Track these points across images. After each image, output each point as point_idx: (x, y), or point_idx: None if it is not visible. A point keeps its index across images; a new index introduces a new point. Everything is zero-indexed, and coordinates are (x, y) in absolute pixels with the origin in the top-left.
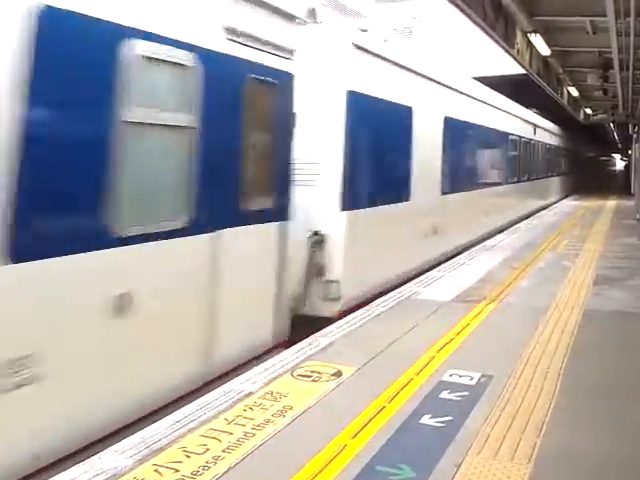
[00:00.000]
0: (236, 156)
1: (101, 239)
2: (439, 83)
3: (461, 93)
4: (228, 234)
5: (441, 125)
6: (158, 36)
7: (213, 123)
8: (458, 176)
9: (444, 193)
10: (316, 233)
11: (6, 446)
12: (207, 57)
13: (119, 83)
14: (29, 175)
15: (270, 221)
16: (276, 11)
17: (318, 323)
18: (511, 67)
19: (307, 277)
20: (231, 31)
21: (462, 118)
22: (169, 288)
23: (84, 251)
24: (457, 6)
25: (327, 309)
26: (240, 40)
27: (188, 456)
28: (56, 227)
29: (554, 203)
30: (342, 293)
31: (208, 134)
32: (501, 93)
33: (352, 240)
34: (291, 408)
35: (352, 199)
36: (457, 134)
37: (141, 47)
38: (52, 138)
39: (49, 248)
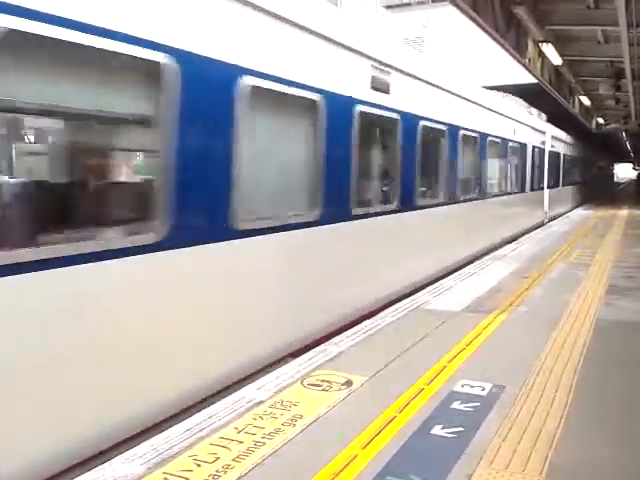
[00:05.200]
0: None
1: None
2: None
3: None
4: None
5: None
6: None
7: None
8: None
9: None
10: None
11: None
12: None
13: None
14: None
15: None
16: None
17: None
18: (523, 76)
19: None
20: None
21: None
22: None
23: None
24: (468, 16)
25: None
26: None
27: (198, 465)
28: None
29: (566, 212)
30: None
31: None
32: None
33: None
34: (301, 417)
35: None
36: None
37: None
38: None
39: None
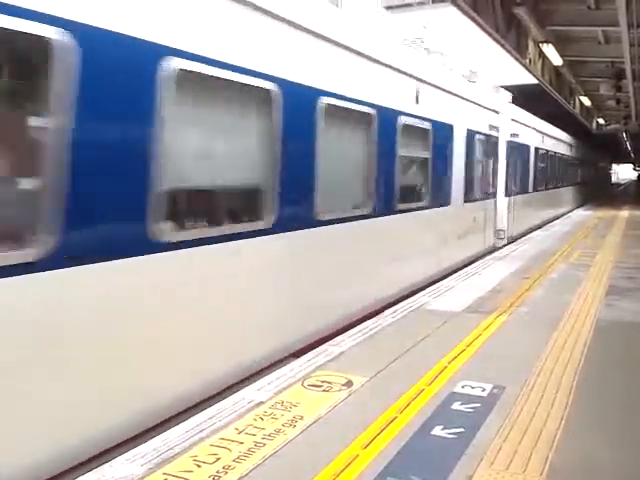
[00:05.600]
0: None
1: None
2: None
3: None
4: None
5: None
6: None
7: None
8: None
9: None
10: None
11: None
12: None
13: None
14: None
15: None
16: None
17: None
18: (523, 77)
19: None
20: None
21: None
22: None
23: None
24: (469, 16)
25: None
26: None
27: (199, 465)
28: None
29: (566, 213)
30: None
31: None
32: (514, 103)
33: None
34: (302, 418)
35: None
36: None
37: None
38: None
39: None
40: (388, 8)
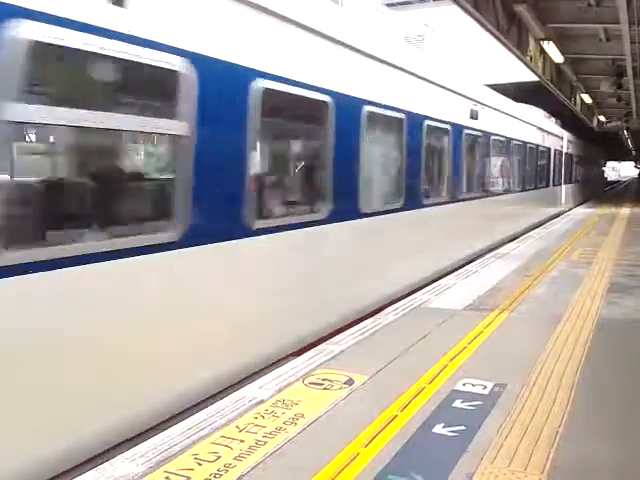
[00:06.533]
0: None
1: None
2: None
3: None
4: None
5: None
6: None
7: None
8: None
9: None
10: None
11: None
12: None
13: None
14: None
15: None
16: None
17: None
18: (524, 74)
19: None
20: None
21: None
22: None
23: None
24: (470, 13)
25: None
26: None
27: (199, 463)
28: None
29: (567, 211)
30: None
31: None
32: (514, 100)
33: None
34: (303, 416)
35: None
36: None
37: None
38: None
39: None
40: (389, 5)
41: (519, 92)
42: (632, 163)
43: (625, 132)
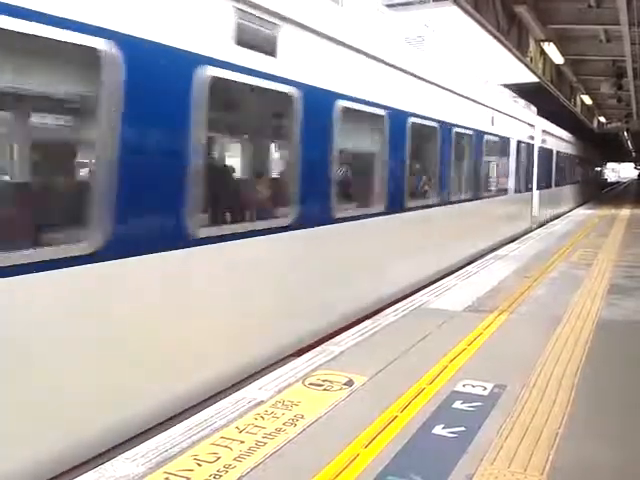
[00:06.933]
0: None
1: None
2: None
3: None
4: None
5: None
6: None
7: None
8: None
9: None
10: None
11: None
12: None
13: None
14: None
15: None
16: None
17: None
18: (524, 75)
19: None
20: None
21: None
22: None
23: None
24: (470, 14)
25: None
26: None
27: (199, 464)
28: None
29: (567, 212)
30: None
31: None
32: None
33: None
34: (302, 417)
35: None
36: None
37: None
38: None
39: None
40: (389, 6)
41: (519, 93)
42: (632, 164)
43: (625, 133)
